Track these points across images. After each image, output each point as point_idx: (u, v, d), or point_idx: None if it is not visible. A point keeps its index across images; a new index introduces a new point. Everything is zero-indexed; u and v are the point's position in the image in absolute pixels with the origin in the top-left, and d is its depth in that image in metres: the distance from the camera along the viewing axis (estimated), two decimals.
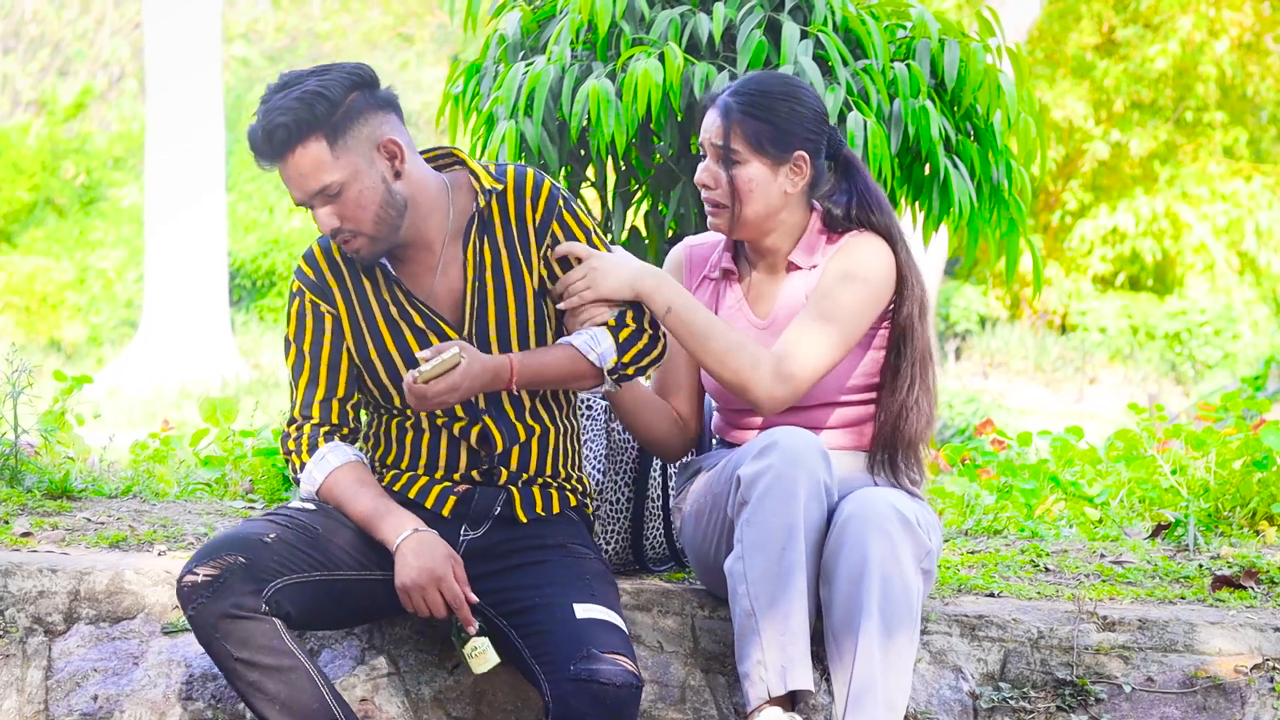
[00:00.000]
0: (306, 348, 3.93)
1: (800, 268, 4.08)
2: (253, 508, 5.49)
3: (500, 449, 3.92)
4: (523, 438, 3.93)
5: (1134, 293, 23.81)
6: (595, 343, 3.89)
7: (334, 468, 3.88)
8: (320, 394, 3.93)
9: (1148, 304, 23.38)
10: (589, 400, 4.38)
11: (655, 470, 4.43)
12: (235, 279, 22.71)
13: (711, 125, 4.04)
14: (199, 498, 5.80)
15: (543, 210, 3.89)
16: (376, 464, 4.02)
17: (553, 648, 3.69)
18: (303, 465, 3.91)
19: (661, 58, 5.33)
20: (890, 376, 4.06)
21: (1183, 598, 4.52)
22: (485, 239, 3.87)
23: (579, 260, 3.89)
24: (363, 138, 3.74)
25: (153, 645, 4.14)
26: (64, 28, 29.09)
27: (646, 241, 5.77)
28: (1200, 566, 4.83)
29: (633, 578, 4.40)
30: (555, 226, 3.89)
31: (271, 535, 3.74)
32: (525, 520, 3.93)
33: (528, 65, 5.55)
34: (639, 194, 5.78)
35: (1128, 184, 23.43)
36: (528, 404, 3.92)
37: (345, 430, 3.94)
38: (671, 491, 4.44)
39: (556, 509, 3.97)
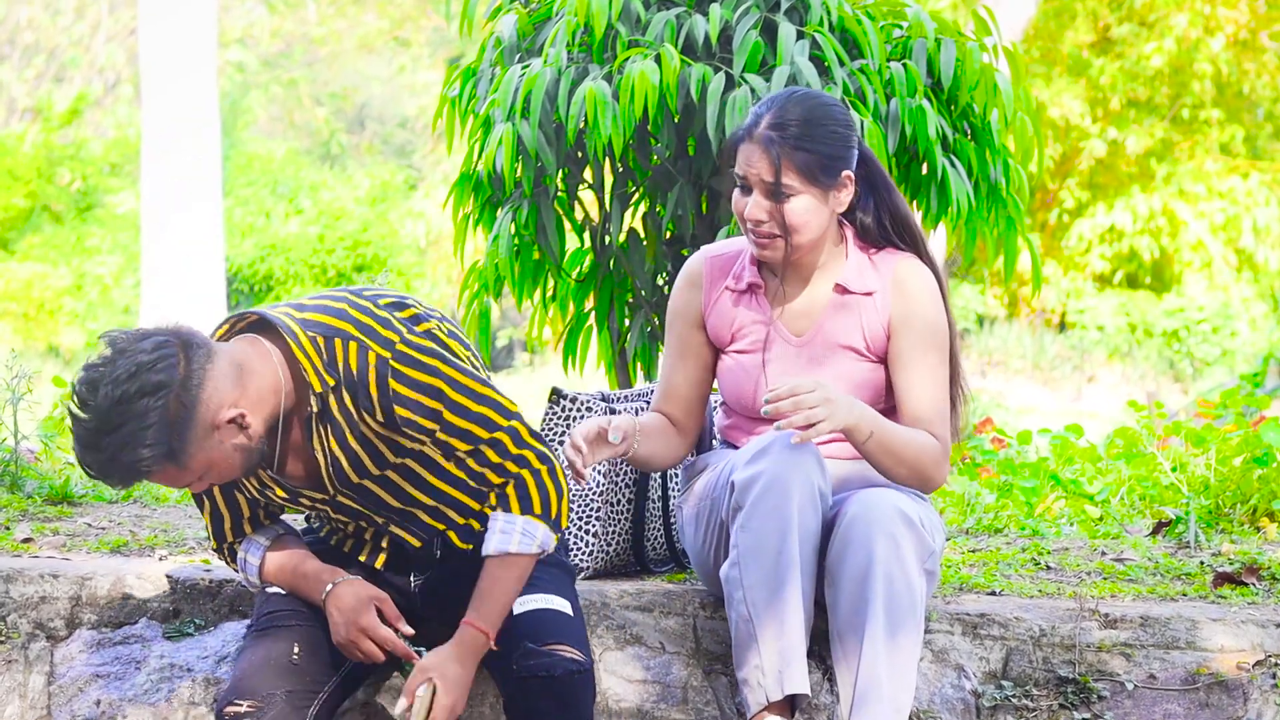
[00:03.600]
0: (199, 489, 3.79)
1: (852, 292, 4.06)
2: None
3: (418, 546, 3.83)
4: (441, 528, 3.83)
5: (1132, 291, 23.83)
6: (530, 537, 3.71)
7: (257, 568, 3.83)
8: (228, 524, 3.84)
9: (1145, 302, 23.39)
10: (588, 402, 4.37)
11: (655, 472, 4.43)
12: (232, 284, 22.71)
13: (757, 161, 3.95)
14: None
15: (377, 399, 3.60)
16: (311, 524, 3.99)
17: (496, 650, 3.71)
18: (236, 560, 3.89)
19: (658, 59, 5.33)
20: None
21: (1184, 594, 4.52)
22: (328, 428, 3.64)
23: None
24: (200, 435, 3.47)
25: (155, 650, 4.14)
26: (59, 34, 29.10)
27: (645, 243, 5.77)
28: (1201, 563, 4.84)
29: (634, 579, 4.40)
30: (398, 409, 3.62)
31: (297, 652, 3.71)
32: (468, 547, 3.86)
33: (524, 68, 5.55)
34: (636, 196, 5.78)
35: (1124, 182, 23.45)
36: (427, 497, 3.77)
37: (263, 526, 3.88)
38: (673, 492, 4.45)
39: None
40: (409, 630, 3.71)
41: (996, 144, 5.69)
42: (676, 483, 4.46)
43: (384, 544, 3.85)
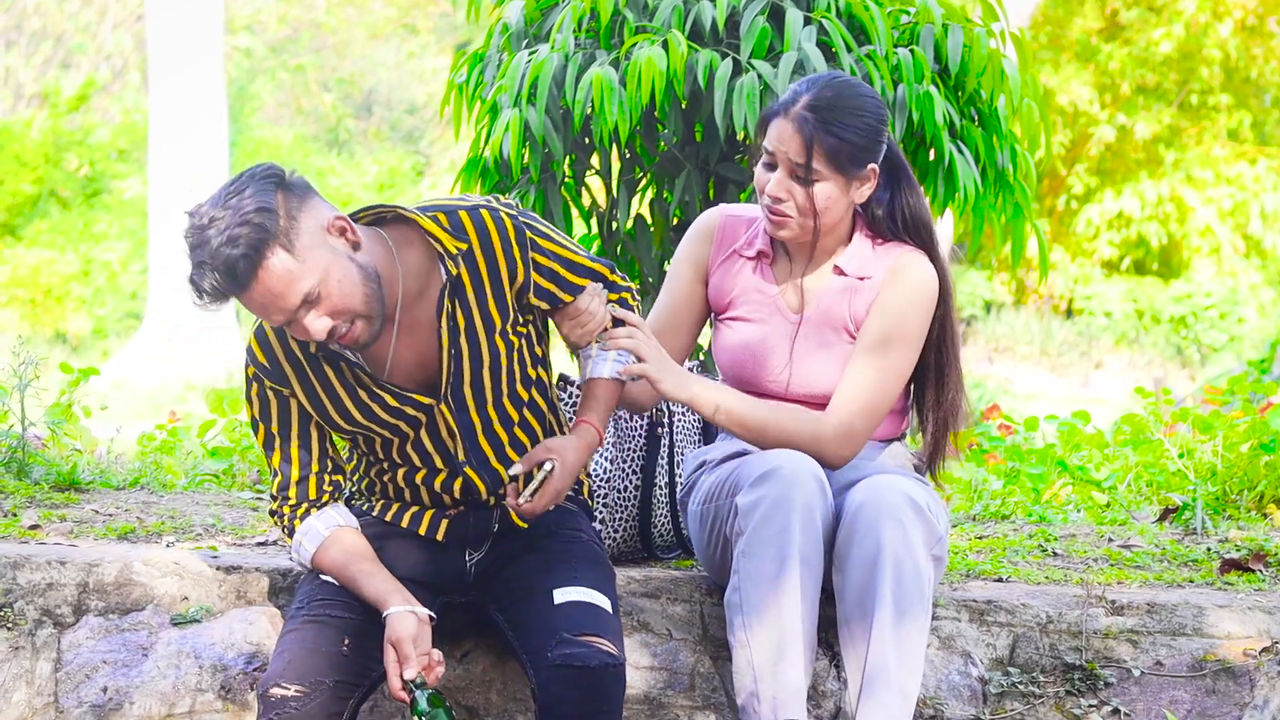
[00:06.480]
0: (275, 429, 3.85)
1: (847, 274, 4.08)
2: (260, 498, 5.50)
3: (485, 495, 3.90)
4: (506, 480, 3.89)
5: (1139, 277, 23.81)
6: (623, 361, 3.94)
7: (311, 554, 3.85)
8: (296, 474, 3.86)
9: (1153, 288, 23.38)
10: None
11: (662, 458, 4.43)
12: None
13: (788, 139, 3.95)
14: (207, 489, 5.81)
15: (518, 254, 3.76)
16: (365, 493, 4.02)
17: (532, 636, 3.72)
18: (293, 537, 3.90)
19: (665, 45, 5.33)
20: (935, 378, 4.12)
21: (1191, 581, 4.52)
22: (457, 303, 3.75)
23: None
24: (312, 228, 3.55)
25: (162, 637, 4.14)
26: (66, 21, 29.08)
27: (652, 229, 5.77)
28: (1208, 550, 4.83)
29: (641, 565, 4.40)
30: (535, 260, 3.79)
31: (347, 644, 3.73)
32: (526, 525, 3.93)
33: (531, 53, 5.55)
34: (644, 182, 5.78)
35: (1133, 168, 23.43)
36: (506, 439, 3.89)
37: (324, 499, 3.88)
38: (679, 480, 4.45)
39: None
40: (410, 674, 3.66)
41: (1003, 130, 5.68)
42: (683, 470, 4.46)
43: (456, 491, 3.88)
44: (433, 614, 3.77)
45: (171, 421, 7.40)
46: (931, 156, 5.58)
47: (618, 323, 3.94)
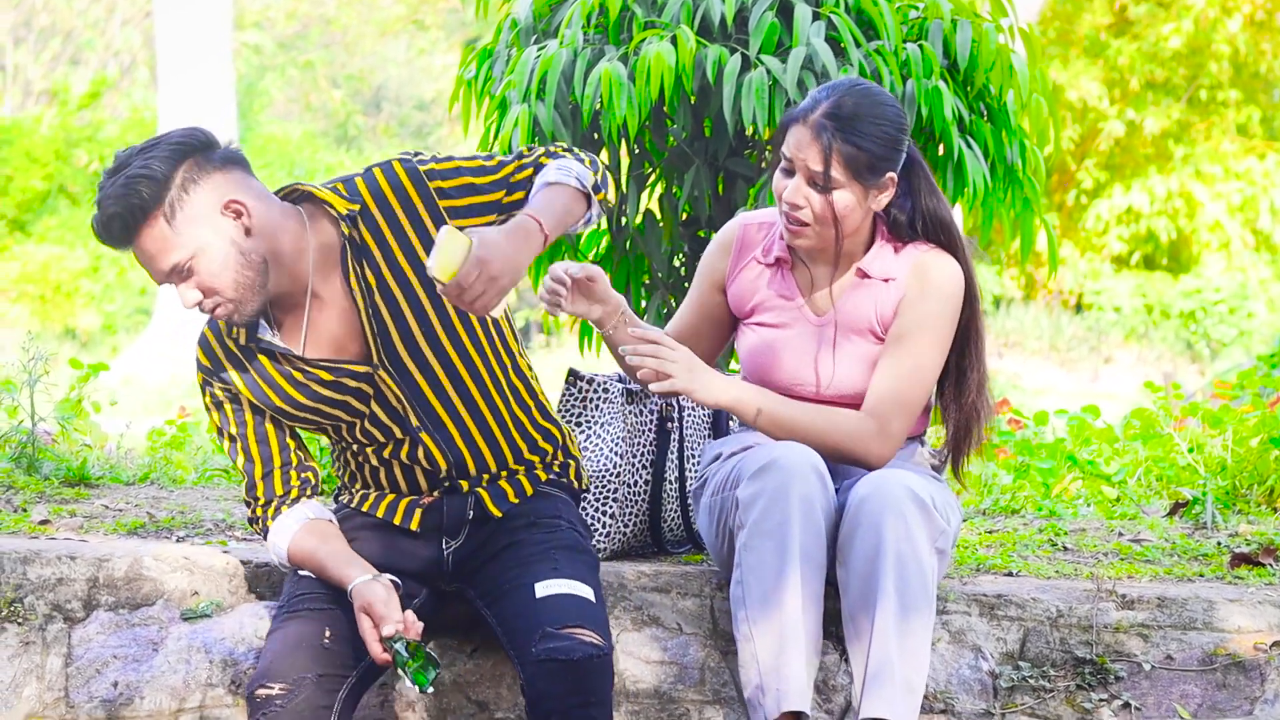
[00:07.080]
0: (233, 430, 3.90)
1: (871, 276, 4.08)
2: None
3: (445, 468, 3.90)
4: (468, 457, 3.89)
5: (1149, 271, 23.80)
6: (566, 171, 3.77)
7: (284, 552, 3.88)
8: (259, 470, 3.90)
9: (1162, 283, 23.36)
10: (605, 384, 4.38)
11: (672, 453, 4.43)
12: None
13: (806, 147, 3.96)
14: (216, 484, 5.82)
15: (415, 193, 3.76)
16: (345, 482, 4.04)
17: (516, 632, 3.72)
18: (268, 538, 3.93)
19: (674, 41, 5.33)
20: (957, 380, 4.13)
21: (1201, 575, 4.51)
22: (364, 263, 3.76)
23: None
24: (202, 205, 3.64)
25: (172, 631, 4.15)
26: (75, 18, 29.12)
27: (661, 225, 5.77)
28: (1218, 544, 4.83)
29: (651, 560, 4.41)
30: (440, 187, 3.75)
31: (328, 635, 3.74)
32: (500, 515, 3.93)
33: (540, 49, 5.55)
34: (653, 177, 5.78)
35: (1142, 163, 23.42)
36: (461, 407, 3.86)
37: (294, 493, 3.90)
38: (689, 475, 4.45)
39: (530, 492, 3.97)
40: (388, 631, 3.69)
41: (1012, 125, 5.68)
42: (693, 464, 4.46)
43: (423, 460, 3.87)
44: (396, 580, 3.79)
45: (181, 417, 7.40)
46: (940, 151, 5.57)
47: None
